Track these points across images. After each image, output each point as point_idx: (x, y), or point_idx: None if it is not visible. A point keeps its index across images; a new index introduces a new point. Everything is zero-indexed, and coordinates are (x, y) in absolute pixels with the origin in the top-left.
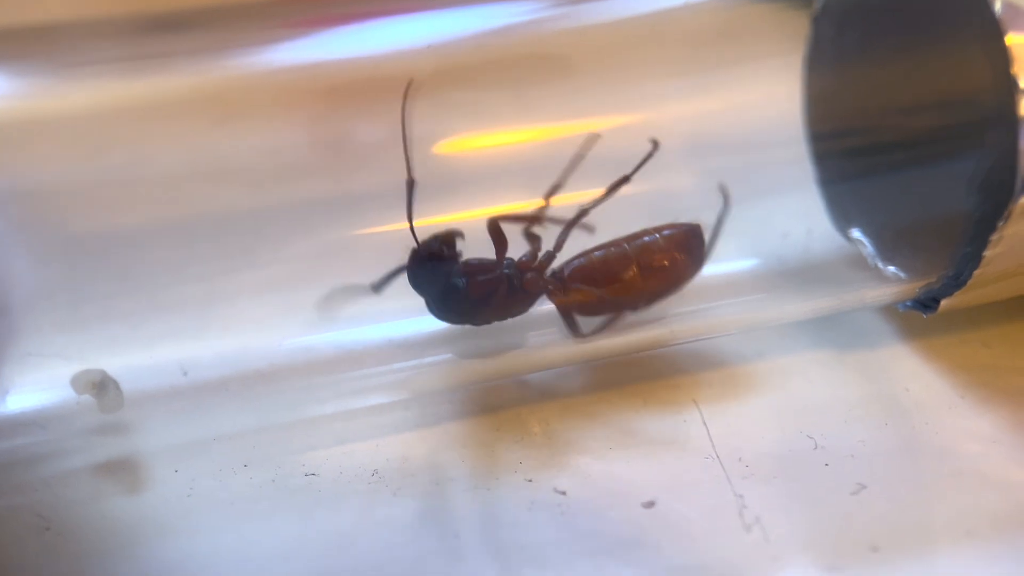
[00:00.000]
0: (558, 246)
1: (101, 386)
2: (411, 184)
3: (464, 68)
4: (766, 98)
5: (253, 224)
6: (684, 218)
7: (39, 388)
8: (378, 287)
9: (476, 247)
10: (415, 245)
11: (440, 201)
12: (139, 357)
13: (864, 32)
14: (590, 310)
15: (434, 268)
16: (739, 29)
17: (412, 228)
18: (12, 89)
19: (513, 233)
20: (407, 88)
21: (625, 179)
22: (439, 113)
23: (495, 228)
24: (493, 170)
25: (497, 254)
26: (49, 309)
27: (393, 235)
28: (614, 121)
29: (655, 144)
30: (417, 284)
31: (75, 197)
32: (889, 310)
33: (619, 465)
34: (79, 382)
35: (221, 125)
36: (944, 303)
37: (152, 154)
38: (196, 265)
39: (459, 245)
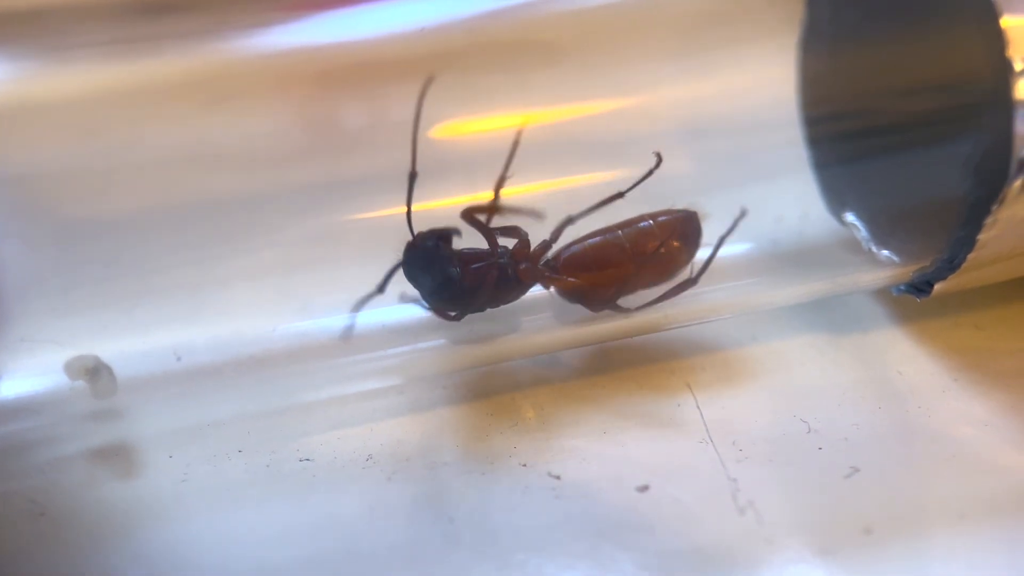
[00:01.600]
0: (554, 238)
1: (95, 372)
2: (412, 176)
3: (458, 52)
4: (761, 81)
5: (246, 209)
6: (679, 203)
7: (32, 374)
8: (382, 287)
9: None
10: (411, 237)
11: (434, 186)
12: (133, 343)
13: (859, 15)
14: (584, 298)
15: (429, 261)
16: (734, 11)
17: (409, 219)
18: (2, 74)
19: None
20: (425, 84)
21: (620, 195)
22: (433, 97)
23: (471, 218)
24: (486, 154)
25: (489, 243)
26: (42, 295)
27: (386, 220)
28: (608, 105)
29: (658, 159)
30: (412, 277)
31: (67, 182)
32: (883, 294)
33: (613, 449)
34: (72, 368)
35: (213, 109)
36: (938, 287)
37: (144, 139)
38: (189, 250)
39: (456, 243)
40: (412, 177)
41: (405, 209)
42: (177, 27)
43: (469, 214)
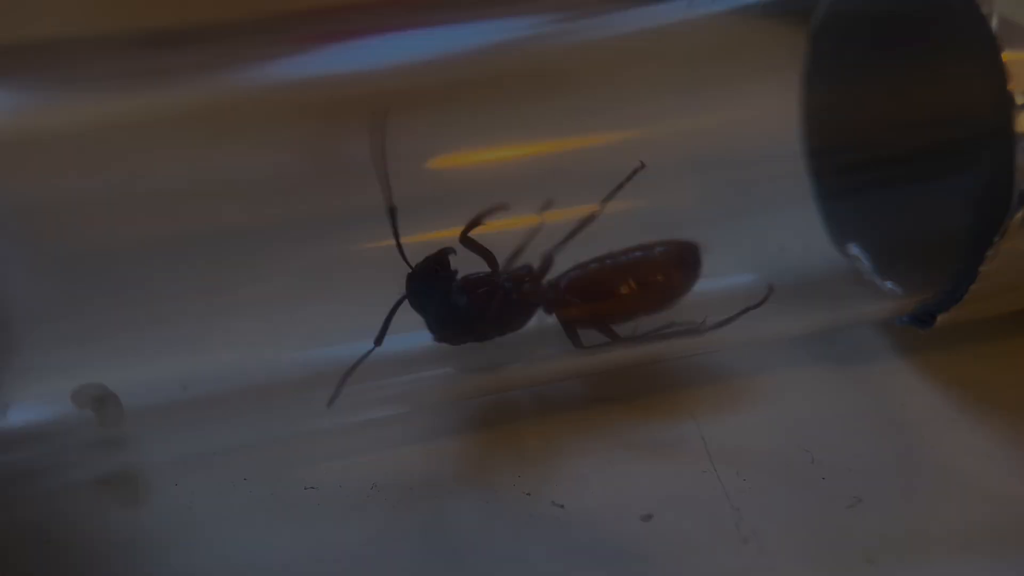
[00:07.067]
0: (549, 260)
1: (101, 400)
2: (392, 211)
3: (462, 84)
4: (764, 114)
5: (252, 239)
6: (682, 234)
7: (39, 402)
8: (379, 339)
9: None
10: (409, 269)
11: (436, 217)
12: (139, 372)
13: (861, 49)
14: (585, 323)
15: (434, 288)
16: (737, 46)
17: (402, 253)
18: (11, 105)
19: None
20: (381, 115)
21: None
22: (436, 128)
23: (469, 241)
24: (490, 185)
25: (490, 266)
26: (49, 324)
27: (391, 250)
28: (612, 137)
29: (641, 164)
30: (419, 306)
31: (75, 212)
32: (886, 325)
33: (617, 478)
34: (79, 396)
35: (220, 140)
36: (941, 318)
37: (151, 169)
38: (195, 280)
39: (452, 262)
40: (392, 212)
41: (411, 238)
42: (183, 60)
43: (465, 237)
